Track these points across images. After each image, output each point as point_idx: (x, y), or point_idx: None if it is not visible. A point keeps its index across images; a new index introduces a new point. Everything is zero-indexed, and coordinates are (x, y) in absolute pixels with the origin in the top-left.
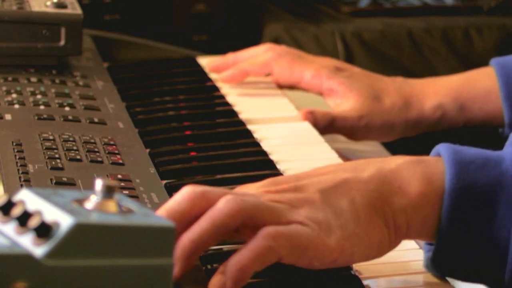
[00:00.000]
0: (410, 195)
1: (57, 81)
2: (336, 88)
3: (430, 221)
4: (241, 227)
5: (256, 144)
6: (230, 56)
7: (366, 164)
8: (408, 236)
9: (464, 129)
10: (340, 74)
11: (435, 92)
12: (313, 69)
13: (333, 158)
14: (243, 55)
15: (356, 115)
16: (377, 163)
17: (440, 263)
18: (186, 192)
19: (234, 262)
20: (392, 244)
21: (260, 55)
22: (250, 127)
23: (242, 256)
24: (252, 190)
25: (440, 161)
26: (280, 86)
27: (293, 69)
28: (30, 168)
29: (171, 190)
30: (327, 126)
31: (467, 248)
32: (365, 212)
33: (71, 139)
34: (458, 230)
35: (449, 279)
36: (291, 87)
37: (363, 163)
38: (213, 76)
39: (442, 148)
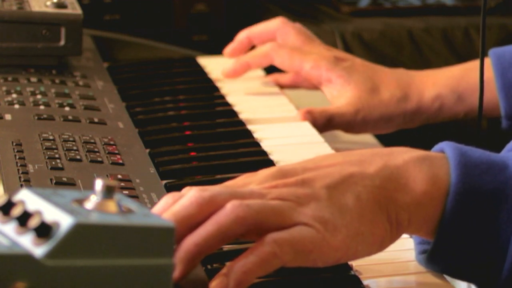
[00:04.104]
0: (414, 193)
1: (57, 81)
2: (335, 80)
3: (431, 220)
4: (246, 231)
5: (256, 144)
6: (243, 34)
7: (372, 157)
8: (407, 231)
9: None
10: (339, 65)
11: (434, 83)
12: (312, 60)
13: None
14: (255, 30)
15: (353, 109)
16: (383, 156)
17: (436, 261)
18: (193, 197)
19: (240, 265)
20: (393, 239)
21: (260, 47)
22: (250, 127)
23: (247, 260)
24: (257, 185)
25: (445, 160)
26: (281, 86)
27: (293, 60)
28: (30, 168)
29: (171, 190)
30: (326, 124)
31: (466, 249)
32: (369, 209)
33: (71, 139)
34: (459, 232)
35: (449, 279)
36: (293, 83)
37: (369, 155)
38: (213, 76)
39: (448, 148)
